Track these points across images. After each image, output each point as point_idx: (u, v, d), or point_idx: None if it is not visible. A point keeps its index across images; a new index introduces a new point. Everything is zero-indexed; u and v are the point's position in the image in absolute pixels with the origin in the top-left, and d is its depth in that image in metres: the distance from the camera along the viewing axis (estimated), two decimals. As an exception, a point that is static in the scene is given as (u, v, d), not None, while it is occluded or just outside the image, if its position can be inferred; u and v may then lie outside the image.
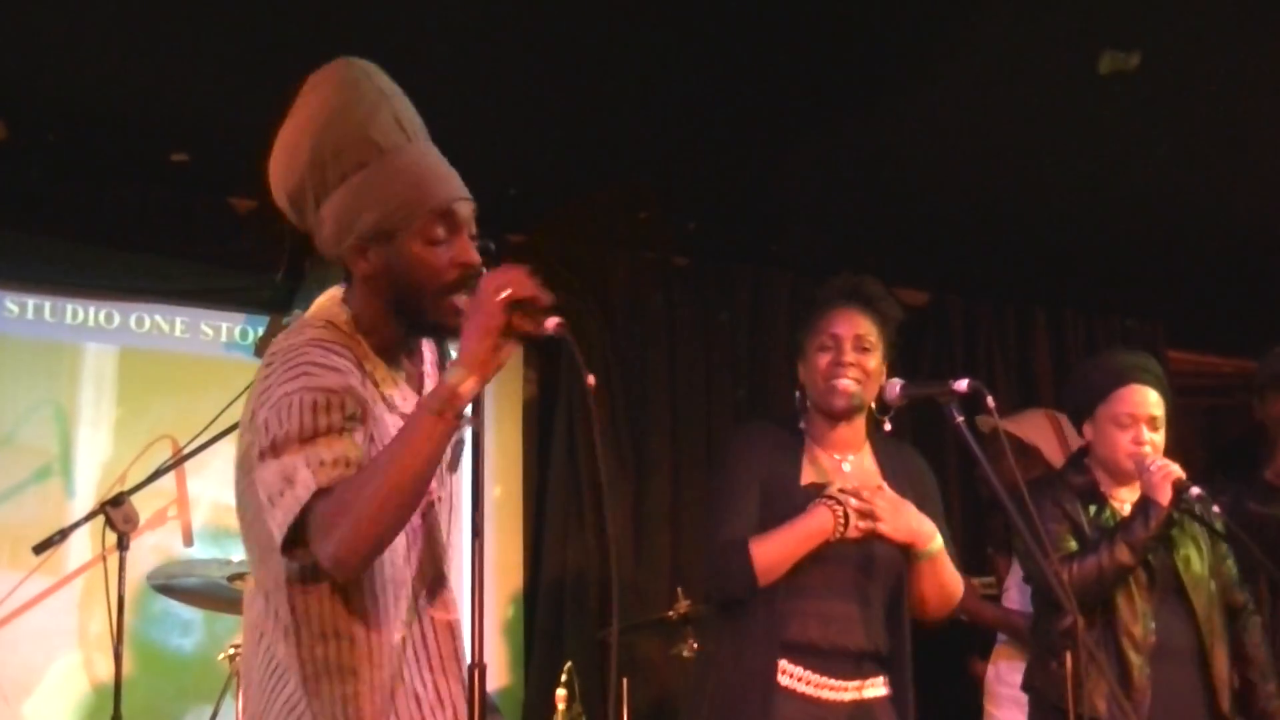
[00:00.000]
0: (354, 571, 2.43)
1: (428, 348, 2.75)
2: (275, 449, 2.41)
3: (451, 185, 2.55)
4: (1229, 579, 4.51)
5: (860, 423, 3.99)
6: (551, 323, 2.42)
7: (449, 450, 2.60)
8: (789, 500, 3.85)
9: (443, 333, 2.64)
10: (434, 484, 2.64)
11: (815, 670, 3.78)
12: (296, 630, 2.52)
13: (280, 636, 2.54)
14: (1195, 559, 4.41)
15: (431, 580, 2.66)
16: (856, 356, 3.88)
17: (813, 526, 3.77)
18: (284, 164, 2.59)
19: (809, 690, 3.77)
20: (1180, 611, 4.35)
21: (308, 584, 2.51)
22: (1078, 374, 4.77)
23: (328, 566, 2.40)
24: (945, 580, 3.92)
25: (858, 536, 3.79)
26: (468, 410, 2.43)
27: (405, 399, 2.62)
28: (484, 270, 2.50)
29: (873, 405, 3.94)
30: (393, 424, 2.56)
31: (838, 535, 3.76)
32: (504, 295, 2.36)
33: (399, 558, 2.58)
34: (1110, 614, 4.29)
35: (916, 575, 3.88)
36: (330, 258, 2.60)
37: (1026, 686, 4.54)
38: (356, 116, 2.54)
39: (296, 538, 2.39)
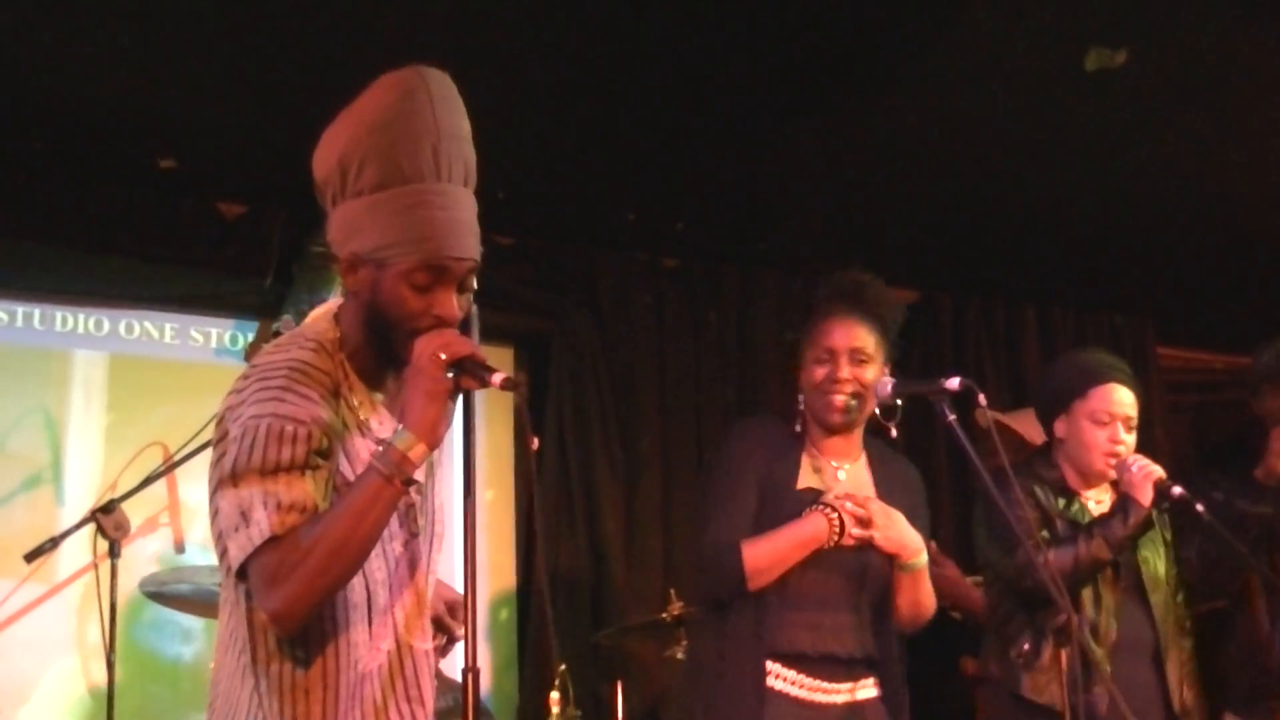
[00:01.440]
0: (294, 628, 2.48)
1: None
2: (235, 477, 2.46)
3: (452, 241, 2.52)
4: (1180, 582, 4.55)
5: (857, 434, 3.97)
6: (497, 378, 2.46)
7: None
8: (783, 502, 3.84)
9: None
10: (417, 514, 2.68)
11: (806, 674, 3.79)
12: (253, 645, 2.55)
13: (241, 648, 2.56)
14: (1153, 560, 4.46)
15: (412, 609, 2.67)
16: (853, 370, 3.85)
17: (807, 532, 3.76)
18: (324, 150, 2.59)
19: (801, 694, 3.78)
20: (1140, 609, 4.40)
21: None
22: (1050, 371, 4.79)
23: (268, 619, 2.47)
24: (921, 596, 3.93)
25: (852, 544, 3.79)
26: (417, 474, 2.50)
27: (382, 423, 2.63)
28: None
29: (877, 411, 3.91)
30: (365, 449, 2.58)
31: (832, 543, 3.76)
32: (444, 357, 2.43)
33: (379, 586, 2.60)
34: (1075, 607, 4.30)
35: (896, 586, 3.89)
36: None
37: (986, 673, 4.53)
38: (396, 136, 2.51)
39: (245, 572, 2.46)
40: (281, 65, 4.93)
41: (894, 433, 3.92)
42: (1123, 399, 4.43)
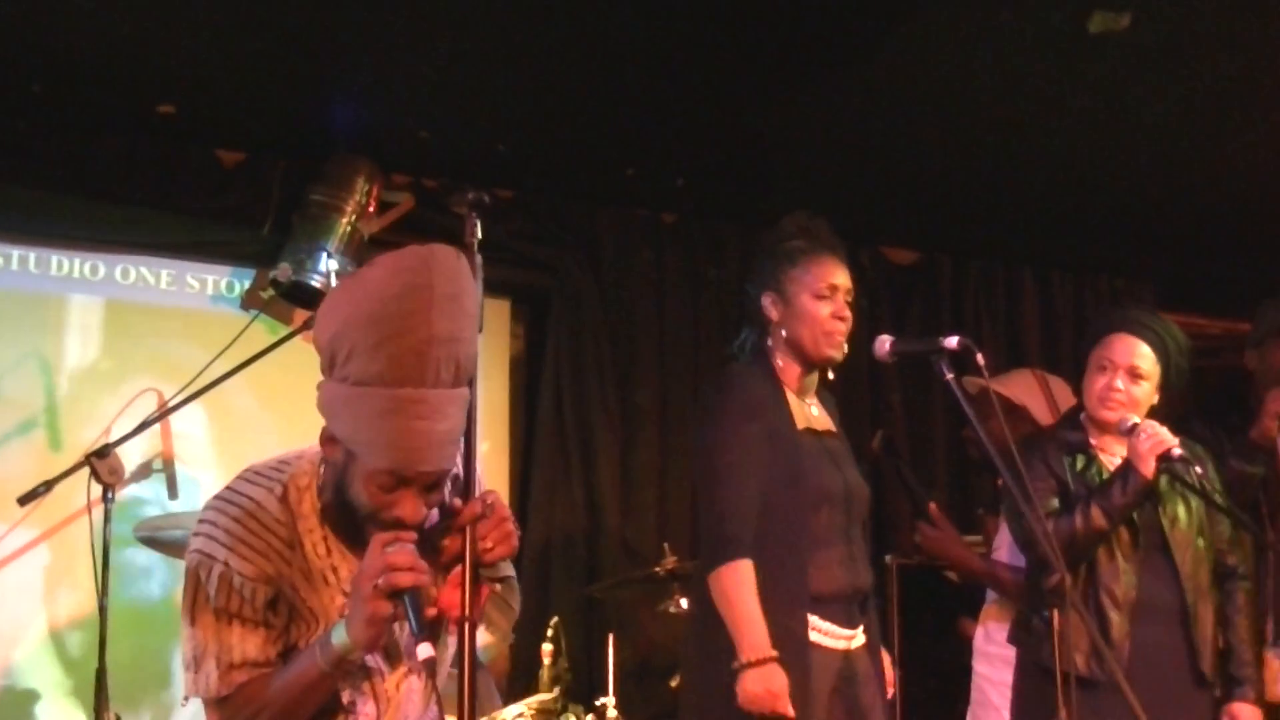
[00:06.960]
0: None
1: None
2: (192, 613, 2.63)
3: (421, 455, 2.49)
4: (1221, 539, 4.51)
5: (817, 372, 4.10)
6: (423, 651, 2.45)
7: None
8: (793, 446, 3.90)
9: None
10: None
11: (832, 620, 3.83)
12: None
13: None
14: (1183, 517, 4.41)
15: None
16: (847, 311, 4.00)
17: None
18: (323, 318, 2.56)
19: (830, 643, 3.83)
20: (1164, 570, 4.36)
21: None
22: (1085, 328, 4.84)
23: None
24: None
25: None
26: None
27: (352, 570, 2.66)
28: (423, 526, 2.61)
29: None
30: (328, 597, 2.66)
31: None
32: (381, 584, 2.46)
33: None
34: (1091, 571, 4.31)
35: None
36: None
37: (1012, 640, 4.55)
38: (385, 336, 2.44)
39: None
40: (283, 12, 4.89)
41: (831, 375, 4.08)
42: (1128, 348, 4.43)
